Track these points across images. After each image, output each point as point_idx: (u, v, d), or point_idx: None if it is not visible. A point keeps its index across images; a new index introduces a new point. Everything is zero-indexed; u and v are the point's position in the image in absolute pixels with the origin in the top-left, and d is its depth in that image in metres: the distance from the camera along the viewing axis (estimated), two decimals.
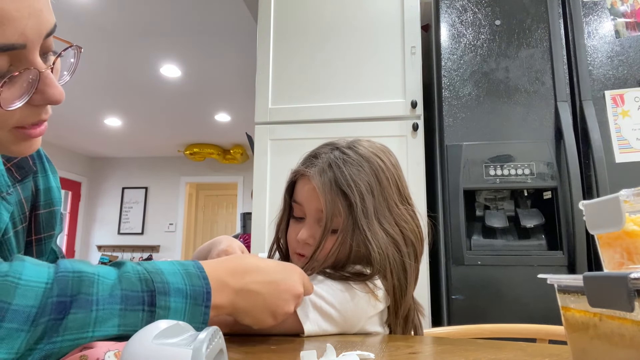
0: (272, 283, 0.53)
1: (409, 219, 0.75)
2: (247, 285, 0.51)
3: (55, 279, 0.39)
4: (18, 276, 0.37)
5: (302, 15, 1.92)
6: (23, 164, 0.62)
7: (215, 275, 0.49)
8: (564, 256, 1.41)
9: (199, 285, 0.46)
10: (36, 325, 0.36)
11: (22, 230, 0.62)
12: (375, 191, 0.72)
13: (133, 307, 0.42)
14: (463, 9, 1.65)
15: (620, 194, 0.34)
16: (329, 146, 0.78)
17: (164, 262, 0.47)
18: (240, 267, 0.52)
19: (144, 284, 0.43)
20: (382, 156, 0.77)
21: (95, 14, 2.95)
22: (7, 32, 0.38)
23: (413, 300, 0.75)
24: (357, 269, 0.71)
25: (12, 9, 0.38)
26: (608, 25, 1.54)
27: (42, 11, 0.41)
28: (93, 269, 0.42)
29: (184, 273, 0.46)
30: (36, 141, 0.48)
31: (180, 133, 5.74)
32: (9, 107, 0.41)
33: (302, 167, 0.77)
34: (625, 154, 1.43)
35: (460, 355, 0.47)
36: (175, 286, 0.44)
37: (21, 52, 0.40)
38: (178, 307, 0.44)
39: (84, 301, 0.39)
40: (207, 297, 0.46)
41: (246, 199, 6.43)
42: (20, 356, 0.36)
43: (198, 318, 0.45)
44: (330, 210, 0.70)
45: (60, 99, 0.45)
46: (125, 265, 0.44)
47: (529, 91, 1.55)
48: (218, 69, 3.79)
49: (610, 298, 0.28)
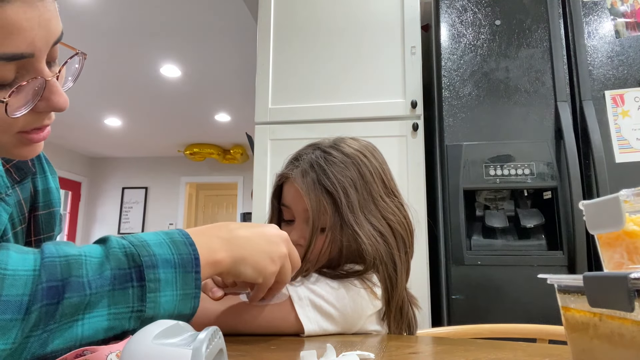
0: (256, 230, 0.55)
1: (396, 211, 0.76)
2: (234, 232, 0.53)
3: (42, 265, 0.39)
4: (4, 266, 0.37)
5: (302, 15, 1.92)
6: (22, 165, 0.62)
7: (202, 236, 0.50)
8: (564, 256, 1.41)
9: (187, 253, 0.46)
10: (29, 313, 0.36)
11: (22, 232, 0.62)
12: (359, 186, 0.73)
13: (122, 285, 0.42)
14: (463, 9, 1.65)
15: (620, 194, 0.34)
16: (311, 147, 0.80)
17: (149, 233, 0.47)
18: (222, 224, 0.54)
19: (131, 259, 0.43)
20: (365, 152, 0.78)
21: (95, 14, 2.95)
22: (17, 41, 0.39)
23: (406, 292, 0.76)
24: (352, 267, 0.72)
25: (23, 20, 0.38)
26: (608, 25, 1.54)
27: (51, 20, 0.42)
28: (78, 249, 0.42)
29: (170, 242, 0.46)
30: (39, 145, 0.48)
31: (180, 133, 5.74)
32: (14, 115, 0.41)
33: (286, 170, 0.78)
34: (625, 154, 1.43)
35: (460, 355, 0.47)
36: (162, 257, 0.44)
37: (28, 61, 0.41)
38: (168, 278, 0.44)
39: (76, 284, 0.39)
40: (195, 262, 0.46)
41: (246, 199, 6.43)
42: (17, 346, 0.36)
43: (190, 284, 0.45)
44: (316, 210, 0.71)
45: (65, 107, 0.45)
46: (110, 241, 0.44)
47: (529, 91, 1.55)
48: (218, 69, 3.79)
49: (610, 298, 0.28)
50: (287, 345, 0.55)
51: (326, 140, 0.81)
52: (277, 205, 0.81)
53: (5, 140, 0.44)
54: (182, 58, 3.64)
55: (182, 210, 6.60)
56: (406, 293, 0.76)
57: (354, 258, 0.73)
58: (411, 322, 0.76)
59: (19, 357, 0.36)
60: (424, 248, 1.62)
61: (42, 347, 0.37)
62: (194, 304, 0.46)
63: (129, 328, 0.42)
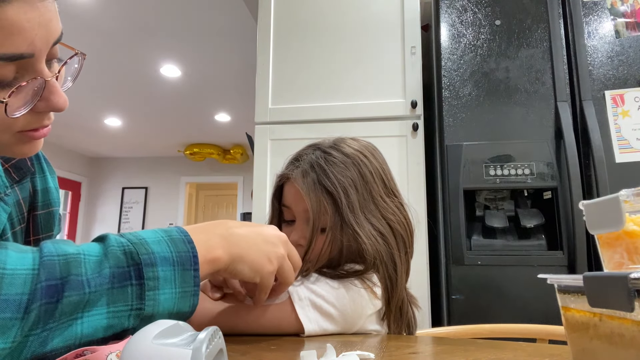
0: (254, 229, 0.55)
1: (396, 211, 0.76)
2: (232, 230, 0.53)
3: (41, 264, 0.39)
4: (3, 265, 0.37)
5: (302, 15, 1.92)
6: (21, 165, 0.62)
7: (200, 233, 0.49)
8: (564, 256, 1.41)
9: (185, 250, 0.46)
10: (29, 312, 0.36)
11: (21, 231, 0.62)
12: (359, 186, 0.73)
13: (121, 284, 0.42)
14: (463, 9, 1.65)
15: (620, 194, 0.34)
16: (311, 147, 0.80)
17: (147, 231, 0.47)
18: (221, 222, 0.54)
19: (129, 257, 0.43)
20: (365, 152, 0.78)
21: (95, 14, 2.95)
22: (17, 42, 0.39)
23: (406, 292, 0.76)
24: (352, 267, 0.72)
25: (24, 20, 0.39)
26: (608, 25, 1.54)
27: (51, 21, 0.42)
28: (77, 248, 0.42)
29: (168, 240, 0.46)
30: (38, 142, 0.48)
31: (180, 133, 5.74)
32: (13, 115, 0.41)
33: (286, 170, 0.78)
34: (625, 154, 1.43)
35: (460, 355, 0.47)
36: (161, 255, 0.44)
37: (28, 61, 0.41)
38: (167, 276, 0.44)
39: (76, 282, 0.39)
40: (194, 260, 0.46)
41: (246, 199, 6.43)
42: (17, 344, 0.36)
43: (189, 282, 0.45)
44: (316, 210, 0.71)
45: (64, 107, 0.45)
46: (108, 239, 0.44)
47: (529, 91, 1.55)
48: (218, 69, 3.79)
49: (610, 298, 0.28)
50: (287, 345, 0.55)
51: (326, 140, 0.81)
52: (278, 206, 0.81)
53: (5, 140, 0.44)
54: (182, 58, 3.64)
55: (182, 210, 6.60)
56: (406, 293, 0.76)
57: (354, 258, 0.73)
58: (411, 322, 0.77)
59: (18, 356, 0.36)
60: (424, 248, 1.62)
61: (41, 346, 0.37)
62: (193, 302, 0.46)
63: (128, 326, 0.42)
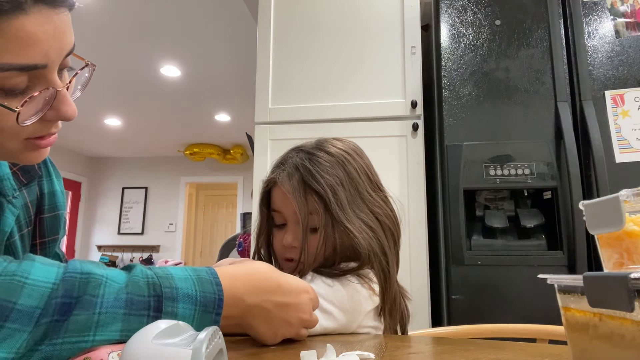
0: (285, 306, 0.52)
1: (382, 204, 0.78)
2: (261, 303, 0.50)
3: (63, 280, 0.38)
4: (26, 275, 0.37)
5: (302, 15, 1.92)
6: (29, 168, 0.63)
7: (233, 288, 0.48)
8: (564, 256, 1.41)
9: (211, 292, 0.45)
10: (38, 325, 0.36)
11: (27, 234, 0.63)
12: (346, 183, 0.74)
13: (138, 312, 0.41)
14: (463, 9, 1.65)
15: (620, 194, 0.34)
16: (295, 150, 0.81)
17: (176, 267, 0.47)
18: (260, 283, 0.51)
19: (151, 289, 0.42)
20: (349, 150, 0.79)
21: (95, 14, 2.95)
22: (32, 53, 0.39)
23: (397, 284, 0.77)
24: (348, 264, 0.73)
25: (39, 32, 0.39)
26: (608, 25, 1.54)
27: (65, 32, 0.42)
28: (103, 271, 0.41)
29: (196, 278, 0.45)
30: (45, 150, 0.49)
31: (180, 133, 5.74)
32: (24, 123, 0.42)
33: (272, 175, 0.79)
34: (625, 154, 1.43)
35: (460, 355, 0.47)
36: (184, 292, 0.44)
37: (41, 72, 0.41)
38: (186, 314, 0.43)
39: (88, 303, 0.39)
40: (218, 304, 0.45)
41: (246, 199, 6.43)
42: (20, 356, 0.36)
43: (207, 326, 0.45)
44: (305, 211, 0.72)
45: (73, 117, 0.46)
46: (135, 269, 0.44)
47: (529, 91, 1.55)
48: (218, 69, 3.79)
49: (610, 298, 0.28)
50: (287, 345, 0.55)
51: (309, 142, 0.82)
52: (267, 212, 0.82)
53: (12, 146, 0.45)
54: (182, 58, 3.64)
55: (182, 210, 6.60)
56: (397, 285, 0.77)
57: (348, 255, 0.74)
58: (404, 313, 0.78)
59: None
60: (424, 248, 1.62)
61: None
62: None
63: None
